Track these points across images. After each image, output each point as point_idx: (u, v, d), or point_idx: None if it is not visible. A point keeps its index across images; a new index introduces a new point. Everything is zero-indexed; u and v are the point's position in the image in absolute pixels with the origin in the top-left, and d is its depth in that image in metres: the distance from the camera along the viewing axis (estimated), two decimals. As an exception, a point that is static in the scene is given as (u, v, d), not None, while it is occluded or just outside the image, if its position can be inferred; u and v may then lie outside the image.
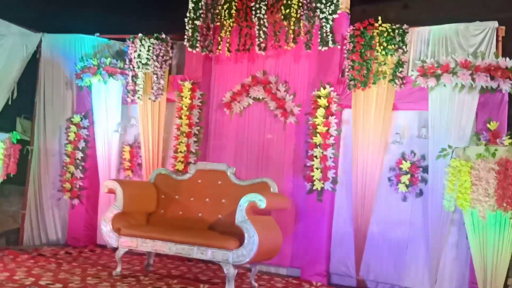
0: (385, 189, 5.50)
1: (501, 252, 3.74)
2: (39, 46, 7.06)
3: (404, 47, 5.34)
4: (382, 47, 5.32)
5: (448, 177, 4.01)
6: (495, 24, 5.34)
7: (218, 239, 4.49)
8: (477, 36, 5.37)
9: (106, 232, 4.87)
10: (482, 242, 3.81)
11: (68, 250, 6.21)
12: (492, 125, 4.90)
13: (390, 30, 5.33)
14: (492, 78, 4.90)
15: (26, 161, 6.96)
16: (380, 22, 5.40)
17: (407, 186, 5.35)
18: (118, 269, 4.88)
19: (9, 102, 6.81)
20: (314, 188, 5.61)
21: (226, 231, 4.69)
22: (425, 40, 5.58)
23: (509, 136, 4.81)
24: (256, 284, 4.86)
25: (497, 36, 5.32)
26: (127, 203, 4.90)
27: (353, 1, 6.02)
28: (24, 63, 6.93)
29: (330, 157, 5.58)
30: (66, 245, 6.68)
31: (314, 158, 5.60)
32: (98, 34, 7.09)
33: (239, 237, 4.41)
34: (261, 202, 4.36)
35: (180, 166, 6.19)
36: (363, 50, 5.38)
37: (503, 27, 5.33)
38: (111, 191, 4.97)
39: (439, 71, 5.03)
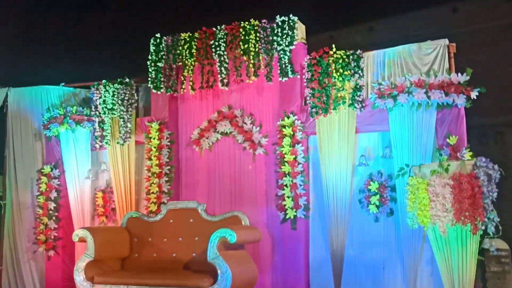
0: (357, 211, 5.55)
1: (466, 265, 3.78)
2: (5, 100, 7.10)
3: (360, 71, 5.49)
4: (338, 74, 5.46)
5: (408, 196, 4.08)
6: (445, 41, 5.53)
7: (192, 278, 4.47)
8: (430, 55, 5.55)
9: (80, 281, 4.81)
10: (446, 257, 3.86)
11: (46, 304, 6.10)
12: (452, 140, 5.03)
13: (344, 56, 5.49)
14: (447, 94, 5.05)
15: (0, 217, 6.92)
16: (334, 49, 5.55)
17: (377, 207, 5.42)
18: (94, 319, 4.81)
19: (-23, 159, 6.79)
20: (287, 217, 5.65)
21: (201, 269, 4.67)
22: (381, 62, 5.74)
23: (469, 149, 4.93)
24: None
25: (449, 52, 5.50)
26: (99, 250, 4.86)
27: (321, 28, 6.20)
28: (-10, 118, 6.95)
29: (300, 185, 5.63)
30: (45, 298, 6.57)
31: (285, 187, 5.65)
32: (63, 83, 7.14)
33: (213, 274, 4.40)
34: (231, 237, 4.38)
35: (154, 207, 6.19)
36: (321, 78, 5.52)
37: (454, 44, 5.52)
38: (82, 240, 4.93)
39: (395, 92, 5.17)
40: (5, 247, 6.89)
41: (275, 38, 5.87)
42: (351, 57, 5.50)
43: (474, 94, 5.03)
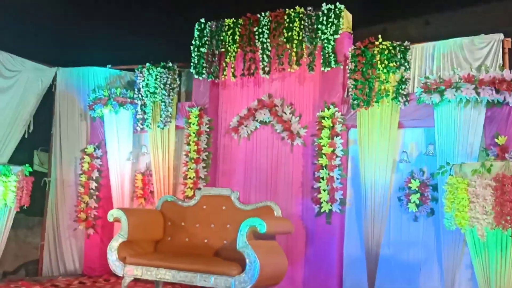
0: (395, 209, 5.37)
1: (505, 272, 3.56)
2: (54, 80, 7.28)
3: (406, 64, 5.27)
4: (383, 65, 5.26)
5: (446, 195, 3.88)
6: (500, 36, 5.23)
7: (220, 265, 4.45)
8: (483, 49, 5.27)
9: (112, 261, 4.89)
10: (484, 262, 3.65)
11: (83, 280, 6.26)
12: (500, 140, 4.76)
13: (391, 47, 5.28)
14: (498, 91, 4.76)
15: (44, 193, 7.14)
16: (380, 40, 5.35)
17: (417, 206, 5.22)
18: (124, 298, 4.88)
19: (25, 136, 7.01)
20: (322, 210, 5.53)
21: (231, 257, 4.64)
22: (430, 55, 5.50)
23: (518, 150, 4.65)
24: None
25: (503, 48, 5.20)
26: (132, 231, 4.92)
27: (374, 20, 6.01)
28: (39, 97, 7.15)
29: (337, 178, 5.50)
30: (83, 275, 6.74)
31: (321, 180, 5.53)
32: (110, 65, 7.26)
33: (241, 263, 4.36)
34: (261, 227, 4.31)
35: (190, 193, 6.21)
36: (364, 69, 5.34)
37: (509, 39, 5.22)
38: (116, 220, 5.00)
39: (442, 87, 4.93)
40: (48, 223, 7.10)
41: (319, 26, 5.73)
42: (397, 48, 5.28)
43: (527, 93, 4.72)
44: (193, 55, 6.41)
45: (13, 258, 7.51)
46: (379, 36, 5.37)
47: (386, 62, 5.25)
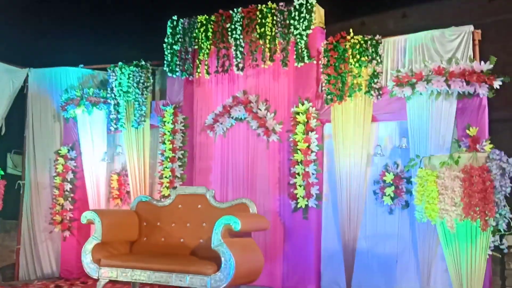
0: (371, 202, 5.41)
1: (475, 262, 3.60)
2: (25, 81, 7.15)
3: (378, 58, 5.29)
4: (355, 60, 5.27)
5: (416, 188, 3.90)
6: (470, 28, 5.27)
7: (196, 265, 4.41)
8: (453, 41, 5.31)
9: (87, 263, 4.81)
10: (455, 253, 3.68)
11: (59, 283, 6.18)
12: (472, 131, 4.80)
13: (362, 42, 5.29)
14: (468, 83, 4.80)
15: (18, 196, 7.02)
16: (352, 34, 5.35)
17: (392, 199, 5.25)
18: (100, 300, 4.82)
19: (-3, 138, 6.88)
20: (299, 206, 5.53)
21: (207, 256, 4.59)
22: (402, 49, 5.52)
23: (489, 141, 4.70)
24: (241, 308, 4.75)
25: (473, 40, 5.24)
26: (106, 233, 4.84)
27: (353, 13, 6.01)
28: (11, 99, 7.02)
29: (313, 173, 5.50)
30: (60, 278, 6.65)
31: (297, 176, 5.53)
32: (82, 65, 7.15)
33: (217, 262, 4.33)
34: (236, 225, 4.28)
35: (166, 192, 6.16)
36: (337, 64, 5.35)
37: (479, 31, 5.26)
38: (90, 222, 4.93)
39: (413, 80, 4.95)
40: (23, 226, 6.98)
41: (292, 21, 5.71)
42: (369, 42, 5.30)
43: (497, 84, 4.77)
44: (166, 52, 6.36)
45: (-11, 263, 7.40)
46: (351, 30, 5.37)
47: (358, 56, 5.26)
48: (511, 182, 3.57)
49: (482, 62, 4.85)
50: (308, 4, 5.67)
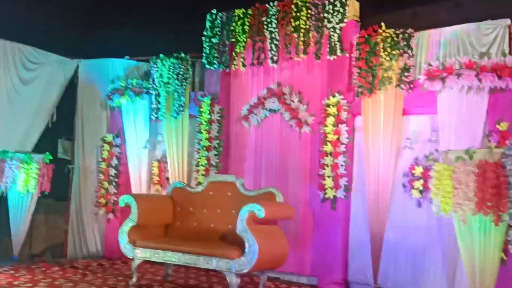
0: (399, 195, 5.42)
1: (489, 256, 3.61)
2: (76, 71, 7.61)
3: (409, 51, 5.29)
4: (386, 53, 5.29)
5: (433, 182, 3.94)
6: (506, 21, 5.17)
7: (222, 249, 4.64)
8: (489, 35, 5.22)
9: (123, 244, 5.16)
10: (469, 246, 3.69)
11: (102, 262, 6.58)
12: (502, 126, 4.75)
13: (394, 35, 5.30)
14: (500, 77, 4.74)
15: (68, 179, 7.51)
16: (383, 28, 5.37)
17: (420, 192, 5.25)
18: (134, 279, 5.14)
19: (49, 125, 7.37)
20: (327, 196, 5.64)
21: (234, 241, 4.82)
22: (437, 42, 5.48)
23: (520, 137, 4.63)
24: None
25: (510, 33, 5.14)
26: (142, 216, 5.16)
27: (404, 4, 6.03)
28: (62, 88, 7.51)
29: (342, 165, 5.59)
30: (104, 257, 7.07)
31: (326, 167, 5.64)
32: (128, 57, 7.51)
33: (241, 247, 4.54)
34: (260, 212, 4.47)
35: (202, 179, 6.42)
36: (368, 57, 5.39)
37: (516, 24, 5.15)
38: (127, 205, 5.26)
39: (444, 74, 4.93)
40: (71, 208, 7.48)
41: (326, 15, 5.79)
42: (400, 36, 5.30)
43: (530, 79, 4.68)
44: (204, 45, 6.60)
45: (42, 241, 7.95)
46: (383, 24, 5.39)
47: (389, 49, 5.28)
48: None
49: (515, 57, 4.77)
50: (342, -2, 5.73)
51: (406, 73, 5.27)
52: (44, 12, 7.46)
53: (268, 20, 6.15)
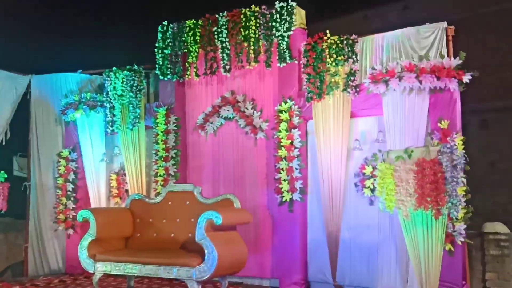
0: (352, 194, 5.64)
1: (432, 249, 3.84)
2: (28, 87, 7.52)
3: (354, 56, 5.52)
4: (332, 59, 5.50)
5: (377, 181, 4.15)
6: (444, 24, 5.46)
7: (182, 257, 4.72)
8: (428, 38, 5.50)
9: (83, 259, 5.17)
10: (413, 239, 3.92)
11: (63, 278, 6.54)
12: (443, 124, 5.02)
13: (338, 42, 5.52)
14: (438, 78, 5.02)
15: (25, 197, 7.42)
16: (329, 35, 5.59)
17: (372, 190, 5.47)
18: (96, 293, 5.17)
19: (3, 143, 7.26)
20: (284, 199, 5.81)
21: (195, 249, 4.90)
22: (380, 46, 5.73)
23: (459, 134, 4.92)
24: (228, 298, 5.06)
25: (447, 36, 5.43)
26: (101, 230, 5.19)
27: (355, 7, 6.23)
28: (15, 104, 7.41)
29: (296, 168, 5.77)
30: (65, 274, 7.02)
31: (281, 171, 5.80)
32: (80, 70, 7.50)
33: (201, 254, 4.63)
34: (217, 219, 4.58)
35: (160, 189, 6.47)
36: (315, 63, 5.59)
37: (452, 27, 5.45)
38: (85, 220, 5.27)
39: (387, 77, 5.18)
40: (30, 225, 7.38)
41: (274, 24, 5.97)
42: (345, 42, 5.53)
43: (466, 78, 4.98)
44: (157, 56, 6.67)
45: (2, 260, 7.82)
46: (327, 31, 5.60)
47: (334, 56, 5.50)
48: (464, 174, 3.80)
49: (452, 58, 5.07)
50: (288, 7, 5.92)
51: (352, 78, 5.50)
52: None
53: (219, 30, 6.28)
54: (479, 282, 5.35)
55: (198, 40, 6.45)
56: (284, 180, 5.77)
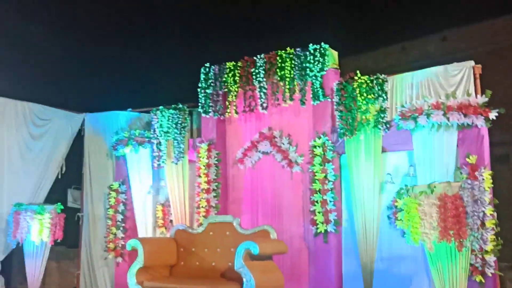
0: (385, 226, 5.86)
1: (456, 278, 4.02)
2: (82, 124, 8.17)
3: (383, 94, 5.83)
4: (363, 97, 5.82)
5: (403, 214, 4.39)
6: (471, 63, 5.71)
7: (222, 285, 5.06)
8: (456, 76, 5.76)
9: (131, 285, 5.56)
10: (439, 270, 4.11)
11: (113, 304, 6.97)
12: (471, 159, 5.22)
13: (368, 81, 5.85)
14: (465, 115, 5.25)
15: (78, 227, 7.97)
16: (359, 75, 5.92)
17: (404, 223, 5.67)
18: (143, 318, 5.54)
19: (59, 176, 7.89)
20: (319, 231, 6.09)
21: (234, 277, 5.23)
22: (409, 84, 6.01)
23: (487, 168, 5.10)
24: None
25: (474, 74, 5.67)
26: (148, 258, 5.59)
27: (393, 39, 6.57)
28: (70, 141, 8.07)
29: (330, 201, 6.05)
30: (115, 299, 7.47)
31: (316, 203, 6.10)
32: (130, 109, 8.08)
33: (240, 282, 4.95)
34: (255, 249, 4.91)
35: (202, 220, 6.87)
36: (347, 102, 5.92)
37: (479, 65, 5.69)
38: (134, 249, 5.70)
39: (415, 114, 5.45)
40: (82, 254, 7.90)
41: (307, 64, 6.37)
42: (374, 81, 5.85)
43: (492, 115, 5.19)
44: (200, 96, 7.17)
45: (56, 287, 8.36)
46: (358, 72, 5.94)
47: (365, 94, 5.83)
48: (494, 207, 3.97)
49: (478, 96, 5.31)
50: (321, 49, 6.32)
51: (382, 115, 5.78)
52: (49, 72, 8.10)
53: (256, 71, 6.73)
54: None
55: (237, 80, 6.92)
56: (319, 212, 6.06)
